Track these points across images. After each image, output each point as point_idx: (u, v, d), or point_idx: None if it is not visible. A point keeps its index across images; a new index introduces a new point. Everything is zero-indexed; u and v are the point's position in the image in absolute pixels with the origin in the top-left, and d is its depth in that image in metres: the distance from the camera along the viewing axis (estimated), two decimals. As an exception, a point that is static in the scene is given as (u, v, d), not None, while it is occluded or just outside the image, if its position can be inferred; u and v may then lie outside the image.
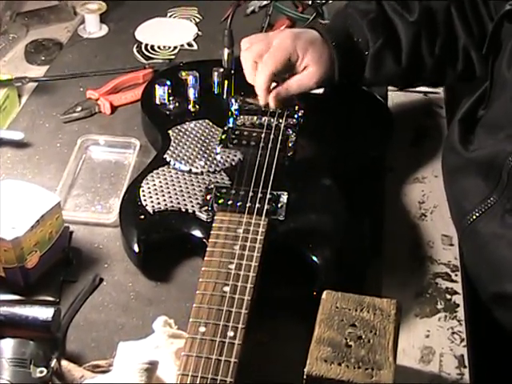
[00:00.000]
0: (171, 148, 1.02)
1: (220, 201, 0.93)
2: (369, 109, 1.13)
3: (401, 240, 0.98)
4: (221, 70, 1.14)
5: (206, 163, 0.99)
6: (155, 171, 0.98)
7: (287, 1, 1.42)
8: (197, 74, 1.11)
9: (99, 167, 1.09)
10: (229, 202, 0.92)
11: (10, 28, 1.37)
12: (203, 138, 1.04)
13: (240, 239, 0.86)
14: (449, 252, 0.97)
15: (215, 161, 1.00)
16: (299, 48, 1.03)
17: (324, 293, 0.76)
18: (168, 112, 1.10)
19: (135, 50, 1.34)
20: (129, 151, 1.10)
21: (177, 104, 1.11)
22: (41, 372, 0.75)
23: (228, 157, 1.01)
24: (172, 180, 0.97)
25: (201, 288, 0.80)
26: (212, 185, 0.96)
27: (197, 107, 1.11)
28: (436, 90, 1.22)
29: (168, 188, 0.96)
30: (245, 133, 1.05)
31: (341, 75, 1.05)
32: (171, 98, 1.11)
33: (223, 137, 1.04)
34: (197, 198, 0.94)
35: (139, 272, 0.92)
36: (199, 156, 1.01)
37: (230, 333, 0.75)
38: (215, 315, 0.77)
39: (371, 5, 1.06)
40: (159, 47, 1.35)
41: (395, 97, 1.20)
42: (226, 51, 1.16)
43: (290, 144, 1.03)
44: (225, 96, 1.13)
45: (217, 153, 1.01)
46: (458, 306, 0.89)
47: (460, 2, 1.05)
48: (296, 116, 1.07)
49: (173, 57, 1.33)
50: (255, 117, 1.07)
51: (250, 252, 0.84)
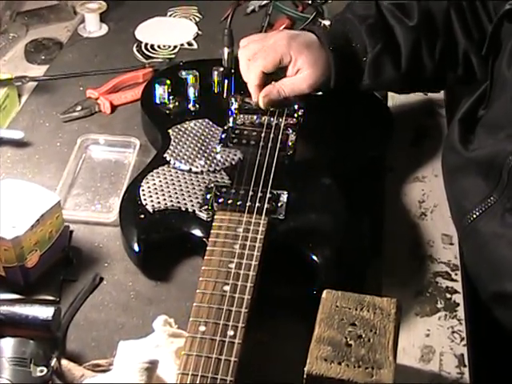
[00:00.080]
0: (171, 147, 1.02)
1: (220, 200, 0.93)
2: (369, 108, 1.13)
3: (401, 239, 0.98)
4: (221, 70, 1.14)
5: (206, 162, 0.99)
6: (155, 170, 0.98)
7: (287, 0, 1.42)
8: (197, 73, 1.11)
9: (99, 166, 1.09)
10: (229, 201, 0.92)
11: (10, 27, 1.37)
12: (203, 138, 1.04)
13: (240, 238, 0.86)
14: (449, 251, 0.97)
15: (215, 160, 1.00)
16: (293, 50, 1.03)
17: (324, 292, 0.76)
18: (168, 111, 1.10)
19: (135, 50, 1.34)
20: (129, 150, 1.10)
21: (177, 103, 1.11)
22: (41, 371, 0.75)
23: (228, 156, 1.01)
24: (172, 179, 0.97)
25: (201, 287, 0.80)
26: (212, 184, 0.96)
27: (197, 106, 1.11)
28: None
29: (168, 187, 0.96)
30: (245, 132, 1.05)
31: (337, 80, 1.05)
32: (171, 98, 1.11)
33: (223, 136, 1.04)
34: (197, 198, 0.94)
35: (139, 271, 0.92)
36: (199, 155, 1.01)
37: (230, 332, 0.75)
38: (215, 314, 0.77)
39: (370, 10, 1.06)
40: (159, 46, 1.35)
41: (395, 96, 1.20)
42: (226, 50, 1.16)
43: (290, 143, 1.03)
44: (225, 95, 1.13)
45: (217, 152, 1.01)
46: (458, 305, 0.89)
47: (459, 6, 1.05)
48: (296, 115, 1.07)
49: (173, 56, 1.33)
50: (255, 116, 1.07)
51: (250, 251, 0.85)
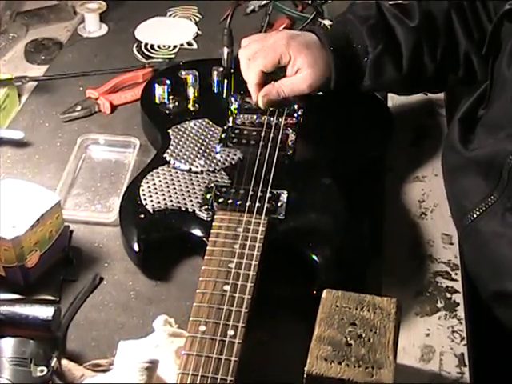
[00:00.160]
0: (171, 147, 1.02)
1: (220, 200, 0.93)
2: (369, 108, 1.12)
3: (401, 239, 0.98)
4: (220, 69, 1.14)
5: (206, 162, 0.99)
6: (155, 170, 0.98)
7: (287, 0, 1.42)
8: (196, 73, 1.11)
9: (99, 166, 1.08)
10: (229, 201, 0.92)
11: (10, 27, 1.37)
12: (203, 137, 1.04)
13: (240, 238, 0.86)
14: (449, 251, 0.97)
15: (215, 160, 1.00)
16: (292, 49, 1.03)
17: (324, 292, 0.76)
18: (168, 111, 1.10)
19: (135, 50, 1.34)
20: (129, 150, 1.10)
21: (176, 103, 1.11)
22: (41, 371, 0.75)
23: (228, 156, 1.01)
24: (172, 179, 0.97)
25: (201, 287, 0.80)
26: (212, 184, 0.96)
27: (196, 106, 1.10)
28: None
29: (168, 187, 0.96)
30: (244, 132, 1.05)
31: (337, 81, 1.04)
32: (171, 97, 1.11)
33: (223, 136, 1.04)
34: (197, 197, 0.94)
35: (139, 271, 0.92)
36: (199, 155, 1.01)
37: (231, 332, 0.75)
38: (215, 314, 0.77)
39: (371, 11, 1.06)
40: (159, 46, 1.35)
41: (395, 96, 1.20)
42: (226, 50, 1.15)
43: (290, 143, 1.03)
44: (224, 95, 1.13)
45: (217, 152, 1.01)
46: (458, 305, 0.89)
47: (460, 7, 1.05)
48: (296, 115, 1.07)
49: (172, 56, 1.33)
50: (255, 116, 1.07)
51: (250, 251, 0.85)
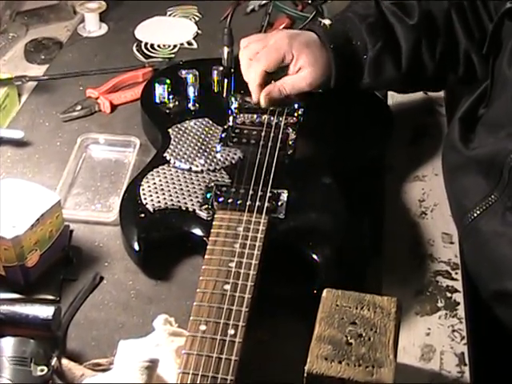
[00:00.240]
0: (171, 146, 1.02)
1: (220, 199, 0.93)
2: (369, 107, 1.12)
3: (401, 238, 0.98)
4: (220, 69, 1.14)
5: (206, 161, 0.99)
6: (155, 170, 0.98)
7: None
8: (196, 73, 1.11)
9: (99, 166, 1.08)
10: (229, 201, 0.92)
11: (10, 27, 1.37)
12: (203, 137, 1.04)
13: (240, 237, 0.86)
14: (449, 250, 0.96)
15: (215, 159, 1.00)
16: (294, 49, 1.03)
17: (324, 291, 0.76)
18: (168, 110, 1.10)
19: (135, 49, 1.34)
20: (129, 150, 1.10)
21: (176, 102, 1.11)
22: (41, 370, 0.75)
23: (228, 155, 1.01)
24: (172, 178, 0.97)
25: (201, 286, 0.80)
26: (212, 183, 0.96)
27: (197, 106, 1.10)
28: (436, 89, 1.22)
29: (168, 186, 0.96)
30: (245, 131, 1.05)
31: (337, 79, 1.05)
32: (171, 97, 1.11)
33: (223, 135, 1.04)
34: (197, 197, 0.94)
35: (139, 270, 0.92)
36: (199, 154, 1.01)
37: (231, 331, 0.75)
38: (216, 313, 0.77)
39: (370, 9, 1.06)
40: (159, 46, 1.35)
41: (395, 95, 1.20)
42: (226, 50, 1.15)
43: (290, 142, 1.03)
44: (224, 94, 1.13)
45: (217, 151, 1.01)
46: (459, 304, 0.89)
47: (460, 6, 1.04)
48: (296, 114, 1.07)
49: (172, 55, 1.33)
50: (255, 115, 1.07)
51: (251, 250, 0.84)
